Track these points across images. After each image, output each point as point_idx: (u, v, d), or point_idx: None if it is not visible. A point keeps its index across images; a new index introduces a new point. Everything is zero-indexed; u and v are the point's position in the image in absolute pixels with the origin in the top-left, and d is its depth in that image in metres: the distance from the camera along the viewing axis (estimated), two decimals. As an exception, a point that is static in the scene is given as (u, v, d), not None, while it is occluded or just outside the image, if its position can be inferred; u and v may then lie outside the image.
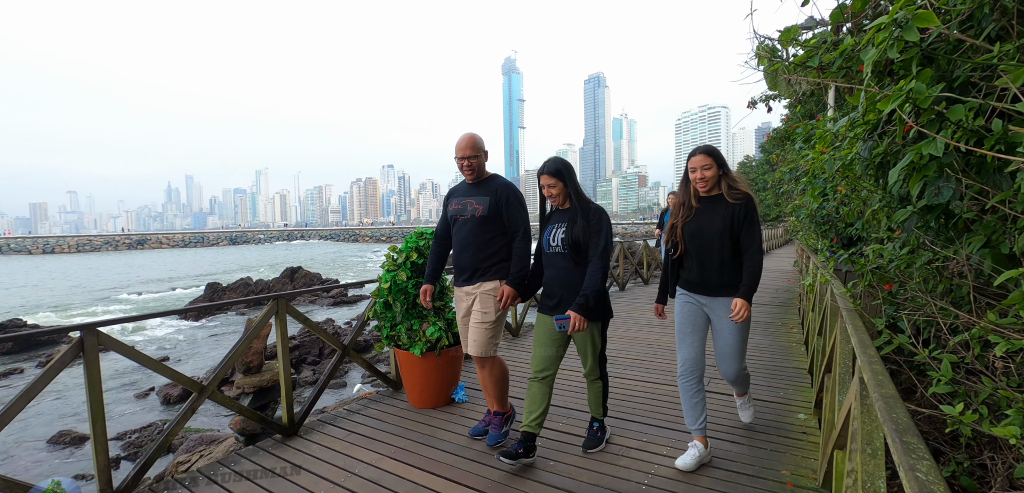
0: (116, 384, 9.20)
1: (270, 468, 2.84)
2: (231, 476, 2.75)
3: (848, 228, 4.12)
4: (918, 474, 1.04)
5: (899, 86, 1.51)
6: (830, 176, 3.32)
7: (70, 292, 28.37)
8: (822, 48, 2.67)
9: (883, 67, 1.80)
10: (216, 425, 7.14)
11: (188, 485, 2.66)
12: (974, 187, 1.47)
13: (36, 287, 31.55)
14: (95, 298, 25.63)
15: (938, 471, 1.06)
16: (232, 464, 2.88)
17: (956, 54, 1.57)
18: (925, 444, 1.15)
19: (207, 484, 2.67)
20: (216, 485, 2.66)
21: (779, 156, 8.82)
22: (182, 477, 2.74)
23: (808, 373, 4.26)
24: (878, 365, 1.66)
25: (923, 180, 1.59)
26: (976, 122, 1.41)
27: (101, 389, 2.48)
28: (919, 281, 2.07)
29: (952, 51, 1.59)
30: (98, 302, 24.28)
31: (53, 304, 23.78)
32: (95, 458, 2.42)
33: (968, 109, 1.41)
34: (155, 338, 14.38)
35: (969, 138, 1.42)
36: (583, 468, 2.74)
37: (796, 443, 2.97)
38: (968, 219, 1.64)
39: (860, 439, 1.51)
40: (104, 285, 31.44)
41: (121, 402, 8.42)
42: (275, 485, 2.66)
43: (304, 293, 3.41)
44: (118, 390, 8.96)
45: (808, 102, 5.88)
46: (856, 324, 2.17)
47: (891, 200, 2.08)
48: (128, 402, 8.45)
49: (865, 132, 1.99)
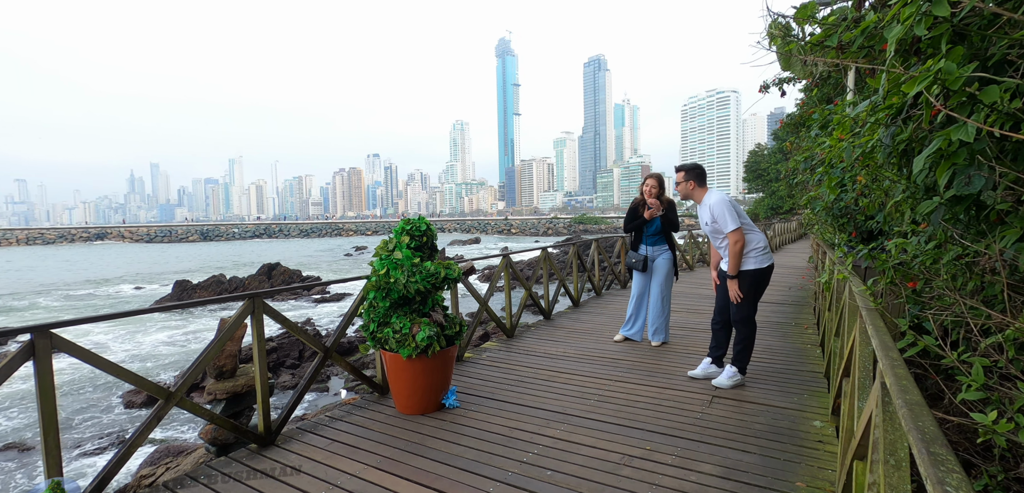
0: (72, 391, 9.10)
1: (244, 481, 2.81)
2: (201, 490, 2.72)
3: (868, 221, 4.13)
4: (948, 488, 1.03)
5: (926, 66, 1.50)
6: (849, 165, 3.32)
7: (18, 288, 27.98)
8: (842, 26, 2.66)
9: (909, 46, 1.79)
10: (185, 434, 7.09)
11: (153, 500, 2.63)
12: (1009, 176, 1.46)
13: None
14: (46, 296, 25.32)
15: (970, 485, 1.05)
16: (202, 477, 2.85)
17: (991, 30, 1.56)
18: (955, 455, 1.14)
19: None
20: (184, 500, 2.63)
21: (793, 144, 8.84)
22: (145, 491, 2.71)
23: (824, 377, 4.28)
24: (902, 369, 1.65)
25: (952, 168, 1.58)
26: (1012, 104, 1.40)
27: (54, 396, 2.43)
28: (947, 278, 2.06)
29: (987, 27, 1.57)
30: (50, 300, 23.99)
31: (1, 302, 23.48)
32: (46, 471, 2.38)
33: (1004, 90, 1.40)
34: (117, 340, 14.25)
35: (1004, 122, 1.41)
36: (585, 478, 2.73)
37: (812, 452, 2.98)
38: (1002, 211, 1.63)
39: (882, 449, 1.50)
40: (58, 281, 31.06)
41: (78, 410, 8.33)
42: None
43: (282, 291, 3.37)
44: (74, 397, 8.86)
45: (825, 85, 5.89)
46: (877, 324, 2.17)
47: (916, 190, 2.08)
48: (86, 410, 8.36)
49: (888, 117, 1.97)
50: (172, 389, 2.92)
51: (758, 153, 46.21)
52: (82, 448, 6.58)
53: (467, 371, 4.69)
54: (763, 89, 6.21)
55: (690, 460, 2.91)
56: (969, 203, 1.63)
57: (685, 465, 2.85)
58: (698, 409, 3.66)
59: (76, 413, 8.15)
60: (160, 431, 7.20)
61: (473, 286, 5.41)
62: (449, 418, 3.61)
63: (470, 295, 5.45)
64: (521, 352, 5.32)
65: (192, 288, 20.20)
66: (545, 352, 5.29)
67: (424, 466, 2.92)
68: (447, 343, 3.78)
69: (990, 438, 1.30)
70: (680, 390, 4.06)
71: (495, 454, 3.05)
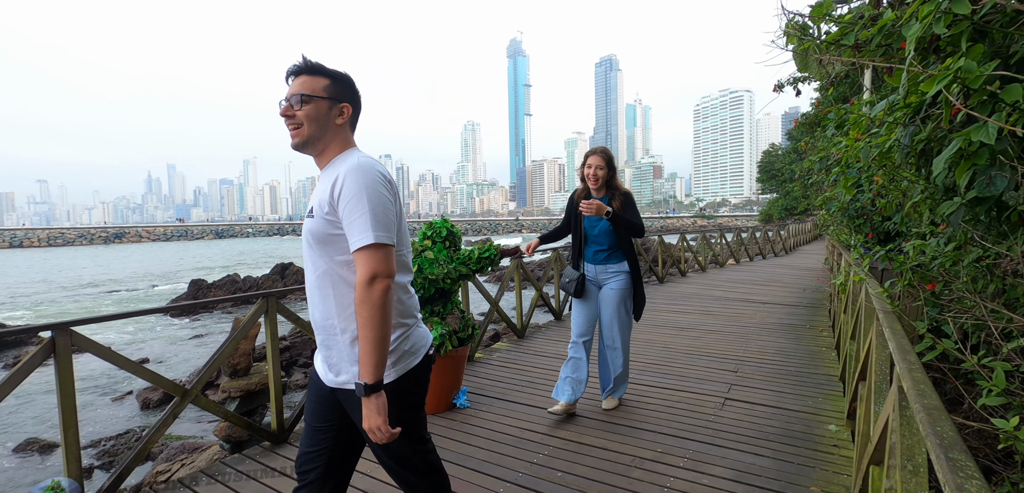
0: (91, 388, 9.28)
1: (258, 478, 2.84)
2: (215, 486, 2.76)
3: (885, 222, 4.07)
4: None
5: (946, 65, 1.47)
6: (866, 165, 3.27)
7: (40, 289, 28.61)
8: (859, 24, 2.62)
9: (928, 44, 1.76)
10: (199, 432, 7.19)
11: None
12: (1031, 176, 1.42)
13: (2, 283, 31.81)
14: (68, 295, 25.84)
15: (990, 491, 1.03)
16: (216, 474, 2.89)
17: (1014, 27, 1.53)
18: (975, 461, 1.12)
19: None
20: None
21: (808, 144, 8.73)
22: (161, 487, 2.75)
23: (839, 380, 4.22)
24: (919, 372, 1.63)
25: (972, 169, 1.55)
26: (1035, 104, 1.37)
27: (74, 393, 2.49)
28: (967, 280, 2.03)
29: (1009, 24, 1.54)
30: (71, 299, 24.49)
31: (21, 302, 24.00)
32: (66, 467, 2.42)
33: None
34: (134, 339, 14.49)
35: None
36: (595, 480, 2.72)
37: (827, 457, 2.94)
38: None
39: (899, 454, 1.48)
40: (78, 281, 31.69)
41: (96, 407, 8.49)
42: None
43: (296, 290, 3.41)
44: (93, 394, 9.03)
45: (841, 84, 5.80)
46: (894, 327, 2.14)
47: (935, 191, 2.04)
48: (104, 407, 8.51)
49: (906, 116, 1.95)
50: (188, 387, 2.97)
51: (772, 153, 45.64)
52: (100, 446, 6.70)
53: (478, 371, 4.70)
54: (778, 88, 6.14)
55: (701, 463, 2.88)
56: (990, 204, 1.60)
57: (696, 468, 2.83)
58: (710, 412, 3.63)
59: (92, 409, 8.31)
60: (175, 428, 7.32)
61: (484, 286, 5.43)
62: (460, 418, 3.62)
63: (481, 295, 5.46)
64: (532, 353, 5.32)
65: (207, 287, 20.46)
66: (556, 353, 5.28)
67: (435, 466, 2.93)
68: (459, 344, 3.79)
69: (1012, 444, 1.27)
70: (692, 392, 4.03)
71: (505, 455, 3.05)
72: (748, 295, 8.97)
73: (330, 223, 1.47)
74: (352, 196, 1.42)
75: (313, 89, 1.50)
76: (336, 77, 1.55)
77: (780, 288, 9.74)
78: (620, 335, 3.50)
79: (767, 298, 8.60)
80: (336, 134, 1.55)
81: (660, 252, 11.32)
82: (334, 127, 1.54)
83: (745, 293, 9.20)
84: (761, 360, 4.92)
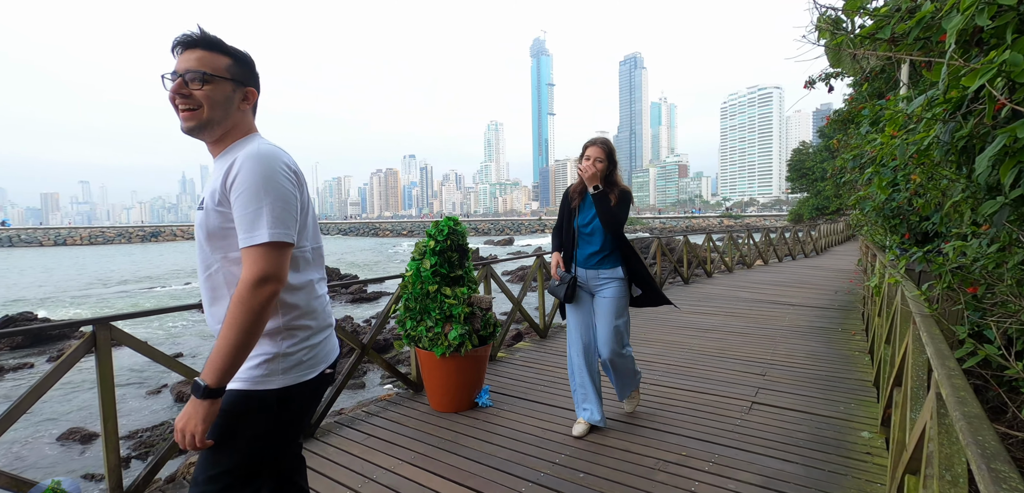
0: (128, 380, 9.64)
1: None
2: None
3: (923, 222, 3.92)
4: (1011, 507, 0.97)
5: (989, 58, 1.41)
6: (902, 163, 3.16)
7: (82, 284, 29.87)
8: (895, 17, 2.53)
9: (970, 37, 1.69)
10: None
11: (200, 487, 2.75)
12: (1082, 174, 1.35)
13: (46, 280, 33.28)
14: (108, 291, 26.91)
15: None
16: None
17: (1062, 19, 1.45)
18: (1019, 473, 1.07)
19: (219, 487, 2.76)
20: (228, 488, 2.74)
21: (841, 141, 8.47)
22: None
23: (873, 386, 4.09)
24: (959, 379, 1.56)
25: (1017, 166, 1.48)
26: (1085, 98, 1.30)
27: (113, 386, 2.59)
28: (1011, 283, 1.94)
29: (1057, 15, 1.47)
30: (111, 295, 25.50)
31: (64, 297, 25.10)
32: (106, 457, 2.52)
33: (1076, 83, 1.30)
34: (169, 333, 15.01)
35: (1077, 117, 1.31)
36: (618, 482, 2.70)
37: (859, 465, 2.85)
38: (1073, 212, 1.52)
39: (937, 464, 1.42)
40: (117, 278, 32.98)
41: (133, 399, 8.81)
42: (288, 490, 2.73)
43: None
44: (130, 386, 9.38)
45: (876, 80, 5.61)
46: (932, 332, 2.06)
47: (977, 190, 1.96)
48: (140, 399, 8.83)
49: (945, 112, 1.87)
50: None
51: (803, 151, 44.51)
52: (137, 437, 6.95)
53: (500, 370, 4.71)
54: (809, 85, 5.97)
55: (727, 468, 2.83)
56: (1037, 203, 1.53)
57: (722, 473, 2.78)
58: (737, 415, 3.56)
59: (130, 402, 8.64)
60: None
61: (507, 286, 5.43)
62: (482, 417, 3.63)
63: (503, 295, 5.47)
64: (554, 352, 5.30)
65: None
66: (578, 353, 5.25)
67: (457, 464, 2.95)
68: (480, 342, 3.80)
69: (1059, 456, 1.21)
70: (718, 395, 3.95)
71: (528, 454, 3.05)
72: (777, 297, 8.76)
73: (223, 216, 1.31)
74: (247, 186, 1.27)
75: (214, 67, 1.34)
76: (239, 57, 1.40)
77: (810, 290, 9.48)
78: (621, 343, 3.24)
79: (797, 300, 8.39)
80: (238, 120, 1.40)
81: (685, 252, 11.15)
82: (237, 112, 1.40)
83: (773, 294, 8.99)
84: (790, 363, 4.80)
